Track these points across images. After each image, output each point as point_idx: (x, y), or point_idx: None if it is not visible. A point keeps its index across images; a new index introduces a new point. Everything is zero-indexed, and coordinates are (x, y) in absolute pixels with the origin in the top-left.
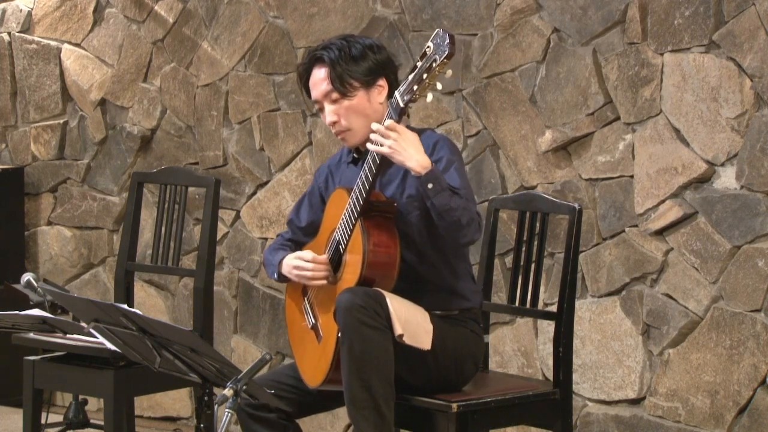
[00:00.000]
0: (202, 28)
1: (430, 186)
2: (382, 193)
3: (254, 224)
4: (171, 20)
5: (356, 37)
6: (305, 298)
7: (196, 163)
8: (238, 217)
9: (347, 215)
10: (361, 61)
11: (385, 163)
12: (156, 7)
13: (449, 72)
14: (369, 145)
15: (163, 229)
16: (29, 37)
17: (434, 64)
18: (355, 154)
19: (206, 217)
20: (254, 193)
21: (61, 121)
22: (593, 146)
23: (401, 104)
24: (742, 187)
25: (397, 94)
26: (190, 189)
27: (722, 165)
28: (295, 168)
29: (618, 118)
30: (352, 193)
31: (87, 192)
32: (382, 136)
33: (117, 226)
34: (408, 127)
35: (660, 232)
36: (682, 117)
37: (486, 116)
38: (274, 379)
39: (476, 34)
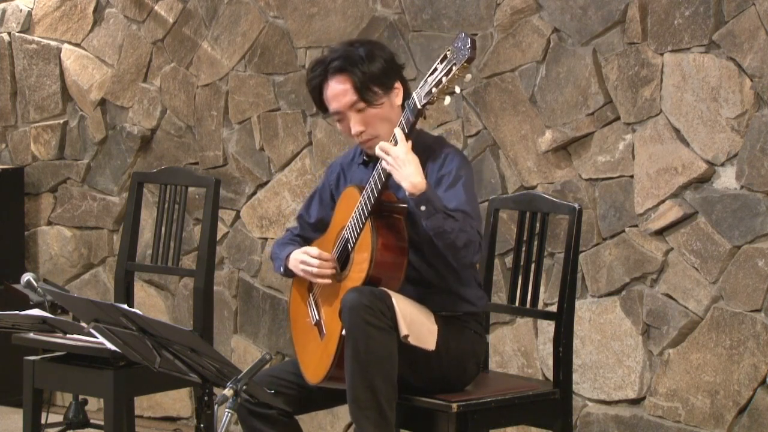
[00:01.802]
0: (202, 28)
1: (422, 208)
2: (393, 194)
3: (254, 224)
4: (171, 20)
5: (357, 41)
6: (310, 294)
7: (196, 163)
8: (238, 217)
9: (358, 213)
10: (375, 62)
11: None
12: (156, 7)
13: (468, 76)
14: (379, 152)
15: (163, 229)
16: (29, 37)
17: (454, 68)
18: (365, 157)
19: (206, 217)
20: (254, 193)
21: (61, 121)
22: (593, 146)
23: (419, 105)
24: (742, 187)
25: (415, 95)
26: (190, 189)
27: (722, 165)
28: (295, 168)
29: (618, 118)
30: (364, 192)
31: (87, 192)
32: (384, 152)
33: (117, 226)
34: (422, 132)
35: (660, 232)
36: (682, 117)
37: (486, 116)
38: (275, 375)
39: (476, 34)
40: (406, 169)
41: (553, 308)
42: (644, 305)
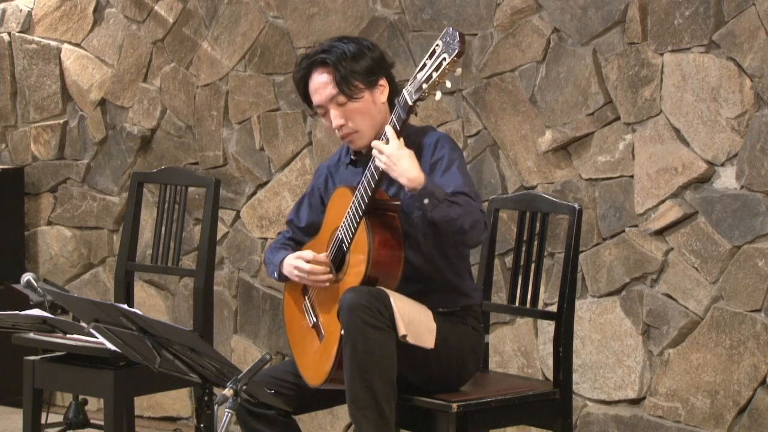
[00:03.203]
0: (202, 28)
1: (426, 201)
2: (386, 192)
3: (254, 224)
4: (171, 20)
5: (348, 37)
6: (306, 297)
7: (196, 163)
8: (238, 217)
9: (351, 213)
10: (361, 60)
11: None
12: (156, 7)
13: (458, 70)
14: (374, 152)
15: (163, 229)
16: (29, 37)
17: (444, 62)
18: (353, 156)
19: (206, 217)
20: (254, 193)
21: (61, 121)
22: (593, 146)
23: (410, 102)
24: (742, 187)
25: (405, 91)
26: (190, 189)
27: (722, 165)
28: (295, 168)
29: (618, 118)
30: (357, 192)
31: (87, 192)
32: (378, 151)
33: (117, 226)
34: (409, 126)
35: (660, 232)
36: (682, 117)
37: (486, 116)
38: (274, 376)
39: (476, 34)
40: (401, 165)
41: (553, 308)
42: (644, 305)
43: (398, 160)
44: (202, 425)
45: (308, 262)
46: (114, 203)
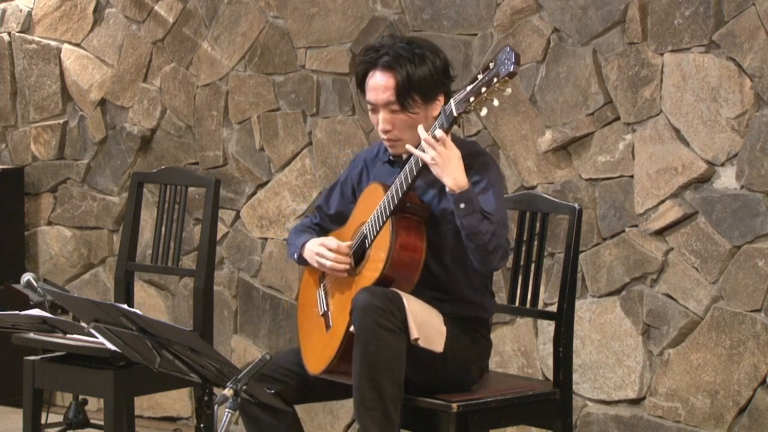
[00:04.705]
0: (202, 28)
1: (462, 206)
2: (418, 196)
3: (254, 224)
4: (171, 20)
5: (416, 41)
6: (321, 284)
7: (196, 163)
8: (238, 217)
9: (380, 211)
10: (425, 72)
11: (427, 168)
12: (156, 7)
13: (509, 90)
14: (412, 149)
15: (163, 229)
16: (29, 37)
17: (495, 80)
18: (392, 156)
19: (206, 217)
20: (254, 193)
21: (61, 121)
22: (593, 146)
23: (455, 113)
24: (742, 187)
25: (452, 102)
26: (190, 189)
27: (722, 165)
28: (295, 168)
29: (618, 118)
30: (389, 191)
31: (87, 192)
32: (428, 144)
33: (117, 226)
34: (453, 136)
35: (660, 232)
36: (682, 117)
37: (486, 116)
38: (277, 363)
39: (476, 34)
40: (451, 166)
41: (553, 308)
42: (644, 305)
43: (449, 160)
44: (202, 425)
45: (330, 250)
46: (114, 203)
